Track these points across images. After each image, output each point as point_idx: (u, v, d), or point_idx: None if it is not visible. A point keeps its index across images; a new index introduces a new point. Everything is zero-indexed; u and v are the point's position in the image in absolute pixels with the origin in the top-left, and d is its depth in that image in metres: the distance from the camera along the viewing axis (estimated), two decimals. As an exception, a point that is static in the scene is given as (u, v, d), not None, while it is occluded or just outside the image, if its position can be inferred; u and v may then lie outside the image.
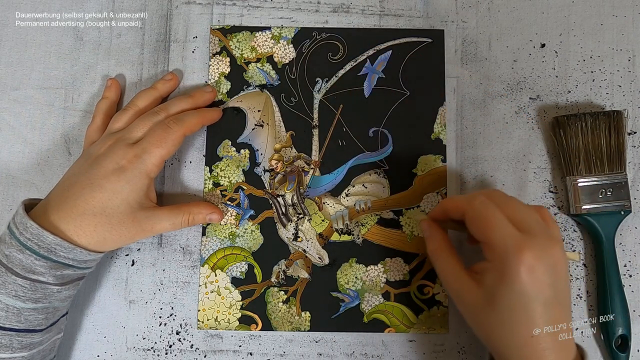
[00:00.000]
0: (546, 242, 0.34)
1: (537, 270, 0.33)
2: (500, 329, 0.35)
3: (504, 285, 0.34)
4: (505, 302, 0.34)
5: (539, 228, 0.35)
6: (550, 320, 0.34)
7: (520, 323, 0.34)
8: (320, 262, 0.45)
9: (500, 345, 0.36)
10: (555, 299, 0.34)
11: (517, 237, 0.34)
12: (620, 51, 0.48)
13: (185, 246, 0.46)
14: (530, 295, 0.33)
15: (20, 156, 0.47)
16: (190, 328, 0.45)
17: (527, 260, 0.33)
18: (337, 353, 0.44)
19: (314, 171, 0.46)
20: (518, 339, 0.34)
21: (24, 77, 0.48)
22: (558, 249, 0.35)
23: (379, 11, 0.48)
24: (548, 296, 0.34)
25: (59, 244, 0.36)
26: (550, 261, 0.34)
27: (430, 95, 0.47)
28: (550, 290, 0.34)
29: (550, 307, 0.34)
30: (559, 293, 0.34)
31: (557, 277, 0.34)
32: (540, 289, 0.33)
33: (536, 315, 0.34)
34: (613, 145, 0.44)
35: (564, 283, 0.35)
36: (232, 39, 0.48)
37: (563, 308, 0.35)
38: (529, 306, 0.33)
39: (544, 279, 0.33)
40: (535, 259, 0.33)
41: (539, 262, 0.33)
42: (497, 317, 0.35)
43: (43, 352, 0.39)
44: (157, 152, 0.40)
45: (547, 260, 0.34)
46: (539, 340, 0.34)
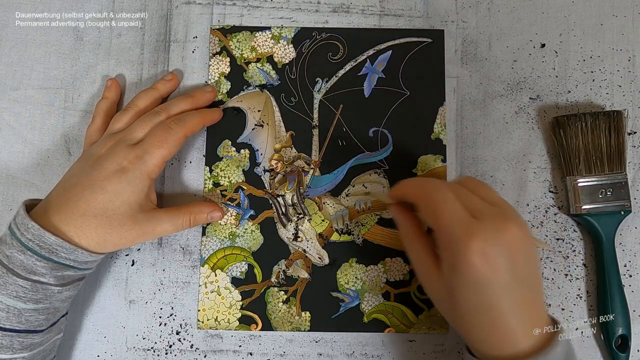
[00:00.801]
0: (499, 224, 0.32)
1: (489, 255, 0.31)
2: (463, 317, 0.34)
3: (457, 275, 0.33)
4: (462, 291, 0.33)
5: (490, 210, 0.33)
6: (514, 304, 0.32)
7: (481, 311, 0.33)
8: (320, 262, 0.45)
9: (466, 331, 0.35)
10: (516, 282, 0.32)
11: (467, 223, 0.32)
12: (620, 51, 0.48)
13: (185, 246, 0.46)
14: (485, 282, 0.32)
15: (20, 156, 0.47)
16: (190, 328, 0.45)
17: (476, 246, 0.31)
18: (337, 353, 0.44)
19: (314, 171, 0.46)
20: (481, 325, 0.33)
21: (24, 77, 0.48)
22: (513, 229, 0.32)
23: (379, 11, 0.48)
24: (506, 281, 0.32)
25: (60, 244, 0.36)
26: (503, 243, 0.32)
27: (430, 95, 0.47)
28: (508, 275, 0.32)
29: (512, 290, 0.32)
30: (521, 275, 0.33)
31: (514, 260, 0.32)
32: (496, 275, 0.32)
33: (495, 301, 0.32)
34: (613, 145, 0.44)
35: (523, 262, 0.33)
36: (232, 39, 0.48)
37: (528, 289, 0.33)
38: (487, 293, 0.32)
39: (499, 263, 0.32)
40: (486, 244, 0.31)
41: (490, 247, 0.31)
42: (459, 305, 0.34)
43: (43, 353, 0.39)
44: (158, 152, 0.40)
45: (499, 244, 0.32)
46: (503, 325, 0.32)
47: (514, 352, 0.33)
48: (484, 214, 0.33)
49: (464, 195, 0.34)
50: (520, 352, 0.33)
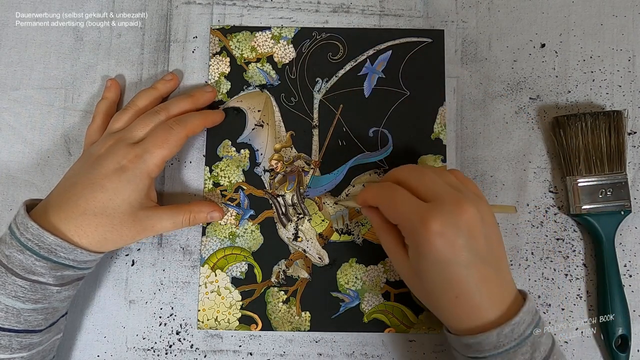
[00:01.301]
0: (453, 205, 0.34)
1: (447, 235, 0.33)
2: (432, 297, 0.36)
3: (421, 258, 0.35)
4: (427, 272, 0.35)
5: (447, 191, 0.35)
6: (477, 280, 0.34)
7: (445, 289, 0.35)
8: (320, 262, 0.45)
9: (438, 310, 0.37)
10: (477, 259, 0.34)
11: (421, 209, 0.34)
12: (620, 51, 0.48)
13: (185, 246, 0.46)
14: (445, 261, 0.34)
15: (20, 156, 0.47)
16: (190, 328, 0.45)
17: (433, 228, 0.33)
18: (337, 353, 0.44)
19: (314, 171, 0.46)
20: (448, 303, 0.35)
21: (24, 77, 0.48)
22: (469, 208, 0.34)
23: (379, 11, 0.48)
24: (467, 258, 0.34)
25: (59, 244, 0.36)
26: (460, 223, 0.34)
27: (430, 95, 0.47)
28: (468, 253, 0.34)
29: (474, 268, 0.34)
30: (482, 253, 0.34)
31: (472, 237, 0.34)
32: (453, 254, 0.33)
33: (457, 278, 0.34)
34: (613, 145, 0.44)
35: (483, 240, 0.34)
36: (232, 39, 0.48)
37: (491, 265, 0.35)
38: (448, 271, 0.34)
39: (456, 242, 0.33)
40: (442, 224, 0.33)
41: (447, 227, 0.33)
42: (426, 286, 0.36)
43: (43, 353, 0.39)
44: (159, 152, 0.40)
45: (456, 224, 0.33)
46: (466, 300, 0.34)
47: (481, 323, 0.34)
48: (442, 197, 0.35)
49: (424, 181, 0.36)
50: (487, 323, 0.34)
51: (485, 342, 0.34)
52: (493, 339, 0.34)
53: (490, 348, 0.34)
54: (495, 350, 0.34)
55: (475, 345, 0.34)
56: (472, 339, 0.34)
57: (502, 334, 0.33)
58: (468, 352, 0.35)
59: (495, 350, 0.34)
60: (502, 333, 0.33)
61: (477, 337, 0.34)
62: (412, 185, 0.36)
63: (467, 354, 0.36)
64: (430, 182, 0.36)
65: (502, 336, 0.34)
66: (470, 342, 0.35)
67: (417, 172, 0.37)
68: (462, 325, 0.35)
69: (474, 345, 0.34)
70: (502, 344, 0.34)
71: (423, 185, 0.36)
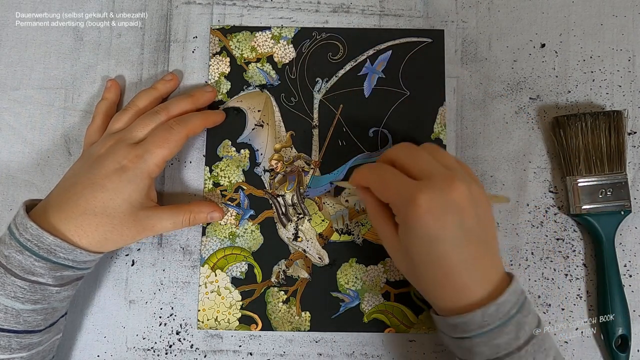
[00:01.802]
0: (443, 183, 0.34)
1: (436, 212, 0.33)
2: (420, 275, 0.36)
3: (411, 235, 0.35)
4: (415, 249, 0.35)
5: (438, 169, 0.35)
6: (465, 258, 0.34)
7: (433, 267, 0.35)
8: (320, 262, 0.45)
9: (424, 289, 0.37)
10: (465, 238, 0.34)
11: (411, 185, 0.34)
12: (620, 51, 0.48)
13: (185, 246, 0.46)
14: (433, 237, 0.34)
15: (20, 156, 0.47)
16: (190, 328, 0.45)
17: (423, 203, 0.33)
18: (337, 353, 0.44)
19: (314, 171, 0.46)
20: (434, 279, 0.35)
21: (24, 77, 0.48)
22: (459, 187, 0.34)
23: (379, 11, 0.48)
24: (455, 236, 0.34)
25: (58, 245, 0.36)
26: (450, 201, 0.34)
27: (430, 95, 0.47)
28: (457, 230, 0.34)
29: (462, 245, 0.34)
30: (471, 231, 0.34)
31: (462, 214, 0.34)
32: (442, 230, 0.33)
33: (445, 255, 0.34)
34: (613, 145, 0.44)
35: (473, 218, 0.34)
36: (232, 39, 0.48)
37: (480, 244, 0.35)
38: (436, 248, 0.34)
39: (445, 219, 0.33)
40: (431, 201, 0.33)
41: (436, 203, 0.33)
42: (415, 264, 0.36)
43: (42, 353, 0.39)
44: (159, 152, 0.40)
45: (446, 201, 0.33)
46: (454, 278, 0.34)
47: (465, 303, 0.34)
48: (433, 175, 0.35)
49: (416, 160, 0.36)
50: (473, 303, 0.34)
51: (470, 322, 0.34)
52: (478, 319, 0.34)
53: (475, 327, 0.34)
54: (480, 329, 0.34)
55: (462, 325, 0.34)
56: (459, 318, 0.34)
57: (487, 313, 0.34)
58: (454, 333, 0.35)
59: (480, 329, 0.34)
60: (487, 312, 0.34)
61: (463, 317, 0.34)
62: (404, 164, 0.37)
63: (453, 335, 0.36)
64: (422, 161, 0.36)
65: (487, 315, 0.34)
66: (456, 322, 0.35)
67: (410, 151, 0.37)
68: (448, 304, 0.35)
69: (460, 325, 0.35)
70: (487, 323, 0.34)
71: (415, 164, 0.36)
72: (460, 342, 0.35)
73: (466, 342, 0.35)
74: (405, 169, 0.36)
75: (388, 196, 0.36)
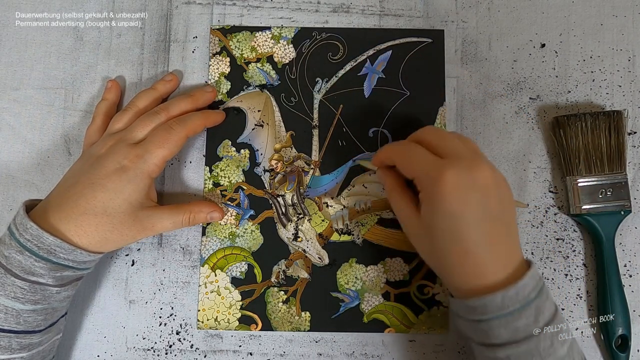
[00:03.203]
0: (470, 162, 0.35)
1: (460, 189, 0.34)
2: (439, 252, 0.36)
3: (434, 210, 0.35)
4: (437, 226, 0.35)
5: (465, 151, 0.36)
6: (485, 237, 0.34)
7: (453, 243, 0.35)
8: (320, 262, 0.45)
9: (442, 267, 0.37)
10: (486, 216, 0.34)
11: (438, 162, 0.35)
12: (620, 51, 0.48)
13: (185, 246, 0.46)
14: (457, 214, 0.34)
15: (20, 156, 0.47)
16: (190, 328, 0.45)
17: (449, 180, 0.34)
18: (337, 353, 0.44)
19: (314, 171, 0.46)
20: (454, 258, 0.35)
21: (24, 77, 0.48)
22: (485, 168, 0.35)
23: (379, 11, 0.48)
24: (476, 214, 0.34)
25: (59, 245, 0.36)
26: (475, 180, 0.34)
27: (430, 95, 0.47)
28: (479, 208, 0.34)
29: (484, 224, 0.34)
30: (493, 211, 0.35)
31: (486, 194, 0.34)
32: (466, 208, 0.34)
33: (467, 232, 0.34)
34: (613, 145, 0.44)
35: (496, 199, 0.35)
36: (232, 39, 0.48)
37: (501, 225, 0.35)
38: (457, 225, 0.34)
39: (469, 197, 0.34)
40: (458, 178, 0.34)
41: (462, 181, 0.34)
42: (434, 241, 0.36)
43: (43, 353, 0.39)
44: (159, 152, 0.40)
45: (470, 179, 0.34)
46: (474, 257, 0.34)
47: (483, 285, 0.35)
48: (460, 154, 0.36)
49: (444, 140, 0.37)
50: (492, 285, 0.34)
51: (489, 304, 0.34)
52: (497, 301, 0.34)
53: (494, 310, 0.34)
54: (499, 311, 0.34)
55: (480, 308, 0.34)
56: (477, 300, 0.34)
57: (507, 296, 0.34)
58: (472, 315, 0.35)
59: (499, 311, 0.34)
60: (507, 295, 0.34)
61: (482, 299, 0.34)
62: (433, 144, 0.37)
63: (471, 317, 0.36)
64: (450, 141, 0.37)
65: (507, 298, 0.34)
66: (475, 304, 0.35)
67: (438, 133, 0.38)
68: (467, 285, 0.35)
69: (479, 307, 0.34)
70: (507, 306, 0.34)
71: (443, 143, 0.37)
72: (478, 325, 0.35)
73: (484, 325, 0.35)
74: (433, 148, 0.37)
75: (415, 171, 0.37)
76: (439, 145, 0.37)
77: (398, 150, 0.39)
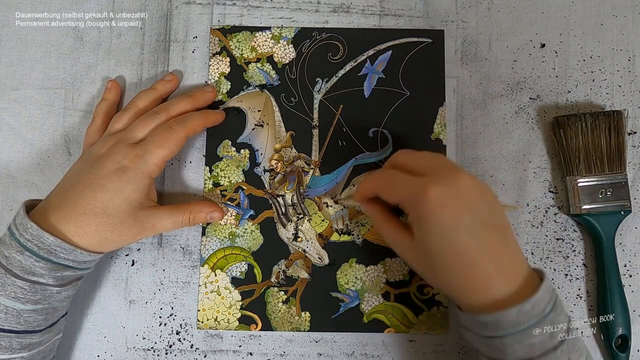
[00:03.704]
0: (450, 174, 0.35)
1: (447, 202, 0.33)
2: (440, 271, 0.35)
3: (426, 229, 0.34)
4: (434, 244, 0.34)
5: (441, 165, 0.36)
6: (482, 247, 0.34)
7: (453, 258, 0.34)
8: (320, 262, 0.45)
9: (447, 285, 0.36)
10: (479, 225, 0.34)
11: (419, 181, 0.35)
12: (620, 51, 0.48)
13: (185, 246, 0.46)
14: (449, 228, 0.33)
15: (20, 156, 0.47)
16: (190, 328, 0.45)
17: (434, 195, 0.33)
18: (337, 353, 0.44)
19: (314, 171, 0.46)
20: (457, 273, 0.34)
21: (24, 77, 0.48)
22: (466, 178, 0.34)
23: (379, 11, 0.48)
24: (469, 224, 0.34)
25: (59, 245, 0.36)
26: (459, 190, 0.34)
27: (430, 95, 0.47)
28: (470, 218, 0.34)
29: (477, 233, 0.34)
30: (485, 219, 0.34)
31: (473, 203, 0.34)
32: (457, 220, 0.33)
33: (463, 245, 0.33)
34: (613, 145, 0.44)
35: (484, 207, 0.34)
36: (232, 39, 0.48)
37: (494, 231, 0.34)
38: (453, 239, 0.34)
39: (458, 209, 0.33)
40: (441, 191, 0.33)
41: (446, 194, 0.34)
42: (433, 260, 0.35)
43: (43, 353, 0.39)
44: (159, 152, 0.40)
45: (455, 191, 0.34)
46: (478, 269, 0.34)
47: (493, 299, 0.34)
48: (438, 169, 0.35)
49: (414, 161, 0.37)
50: (502, 300, 0.34)
51: (503, 320, 0.33)
52: (512, 317, 0.33)
53: (509, 326, 0.33)
54: (514, 328, 0.33)
55: (492, 324, 0.33)
56: (490, 316, 0.33)
57: (522, 311, 0.33)
58: (484, 332, 0.34)
59: (514, 328, 0.33)
60: (522, 310, 0.33)
61: (495, 315, 0.33)
62: (409, 165, 0.37)
63: (483, 334, 0.35)
64: (424, 159, 0.37)
65: (522, 314, 0.33)
66: (487, 320, 0.34)
67: (410, 154, 0.38)
68: (476, 300, 0.34)
69: (491, 323, 0.34)
70: (522, 322, 0.33)
71: (418, 163, 0.37)
72: (491, 341, 0.34)
73: (497, 341, 0.34)
74: (410, 170, 0.36)
75: (398, 195, 0.36)
76: (414, 165, 0.37)
77: (377, 180, 0.38)
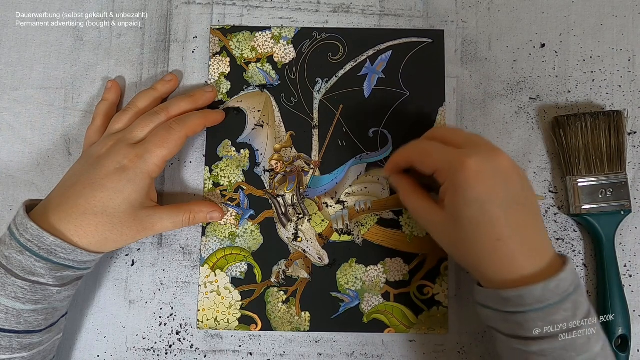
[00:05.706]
0: (490, 150, 0.36)
1: (484, 174, 0.34)
2: (468, 242, 0.36)
3: (459, 199, 0.35)
4: (465, 214, 0.35)
5: (482, 141, 0.37)
6: (512, 222, 0.34)
7: (483, 229, 0.35)
8: (320, 262, 0.45)
9: (472, 258, 0.36)
10: (512, 201, 0.35)
11: (459, 152, 0.36)
12: (620, 51, 0.48)
13: (185, 246, 0.46)
14: (484, 199, 0.34)
15: (20, 156, 0.47)
16: (190, 328, 0.45)
17: (471, 167, 0.34)
18: (337, 353, 0.44)
19: (314, 171, 0.46)
20: (485, 246, 0.35)
21: (24, 77, 0.48)
22: (504, 156, 0.35)
23: (379, 11, 0.48)
24: (503, 198, 0.34)
25: (59, 245, 0.36)
26: (496, 165, 0.35)
27: (430, 95, 0.47)
28: (504, 193, 0.34)
29: (509, 209, 0.34)
30: (516, 195, 0.35)
31: (508, 180, 0.35)
32: (492, 192, 0.34)
33: (495, 217, 0.34)
34: (613, 145, 0.44)
35: (519, 185, 0.35)
36: (232, 39, 0.48)
37: (526, 209, 0.35)
38: (486, 210, 0.34)
39: (494, 182, 0.34)
40: (480, 164, 0.34)
41: (484, 167, 0.34)
42: (463, 231, 0.35)
43: (43, 353, 0.39)
44: (159, 152, 0.40)
45: (492, 165, 0.35)
46: (506, 244, 0.34)
47: (518, 276, 0.34)
48: (478, 143, 0.37)
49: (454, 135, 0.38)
50: (527, 276, 0.34)
51: (527, 296, 0.33)
52: (537, 293, 0.33)
53: (533, 302, 0.33)
54: (538, 304, 0.33)
55: (516, 299, 0.34)
56: (514, 291, 0.34)
57: (548, 288, 0.33)
58: (506, 307, 0.35)
59: (538, 304, 0.33)
60: (548, 287, 0.33)
61: (520, 290, 0.33)
62: (447, 138, 0.38)
63: (504, 309, 0.35)
64: (464, 134, 0.38)
65: (548, 290, 0.33)
66: (510, 295, 0.34)
67: (450, 128, 0.39)
68: (500, 275, 0.35)
69: (514, 298, 0.34)
70: (546, 298, 0.33)
71: (458, 136, 0.38)
72: (511, 317, 0.35)
73: (519, 317, 0.34)
74: (449, 143, 0.37)
75: (436, 164, 0.37)
76: (454, 138, 0.37)
77: (413, 149, 0.39)
